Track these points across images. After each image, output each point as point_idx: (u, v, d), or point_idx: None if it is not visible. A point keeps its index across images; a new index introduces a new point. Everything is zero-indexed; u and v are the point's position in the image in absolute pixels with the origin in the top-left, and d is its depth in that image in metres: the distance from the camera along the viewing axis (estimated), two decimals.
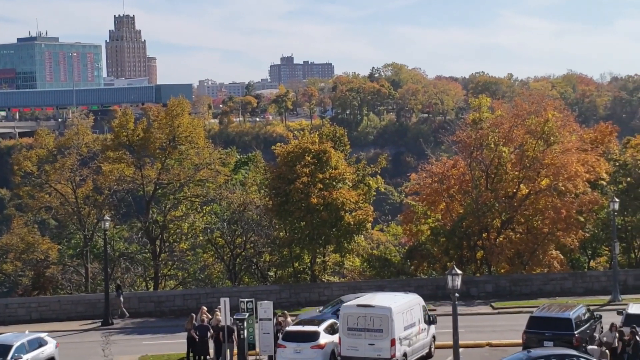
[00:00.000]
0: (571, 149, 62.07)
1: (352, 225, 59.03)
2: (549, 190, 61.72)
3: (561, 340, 37.70)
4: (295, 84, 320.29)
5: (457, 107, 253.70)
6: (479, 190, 62.92)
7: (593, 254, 71.02)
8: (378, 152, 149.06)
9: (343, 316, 37.91)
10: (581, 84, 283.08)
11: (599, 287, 57.03)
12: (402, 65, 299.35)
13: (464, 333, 42.16)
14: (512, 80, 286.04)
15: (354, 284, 59.26)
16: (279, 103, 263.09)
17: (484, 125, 65.26)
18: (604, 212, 64.13)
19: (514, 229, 63.43)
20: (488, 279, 59.64)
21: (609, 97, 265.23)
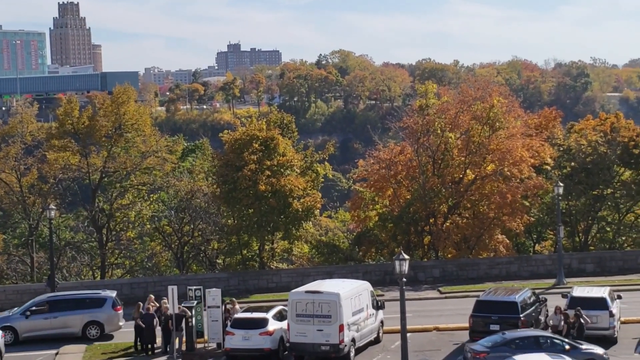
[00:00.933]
0: (516, 134, 62.72)
1: (300, 212, 59.05)
2: (495, 175, 62.38)
3: (507, 323, 38.19)
4: (242, 71, 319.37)
5: (404, 93, 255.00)
6: (426, 176, 63.34)
7: (538, 238, 72.00)
8: (326, 139, 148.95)
9: (291, 303, 37.95)
10: (526, 70, 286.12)
11: (544, 270, 57.75)
12: (349, 52, 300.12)
13: (411, 318, 42.41)
14: (458, 67, 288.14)
15: (303, 271, 59.36)
16: (226, 90, 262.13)
17: (430, 111, 65.62)
18: (549, 197, 65.02)
19: (461, 214, 64.01)
20: (435, 264, 60.11)
21: (553, 83, 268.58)
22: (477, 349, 34.42)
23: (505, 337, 34.72)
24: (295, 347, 37.84)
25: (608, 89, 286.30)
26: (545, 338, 35.01)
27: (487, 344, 34.60)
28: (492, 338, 35.14)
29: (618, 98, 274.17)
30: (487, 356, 33.88)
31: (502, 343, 34.38)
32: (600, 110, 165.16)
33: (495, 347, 34.17)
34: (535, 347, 34.35)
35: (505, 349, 33.98)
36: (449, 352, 39.16)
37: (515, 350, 33.69)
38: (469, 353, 34.77)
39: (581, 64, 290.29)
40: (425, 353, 38.99)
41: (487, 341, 34.96)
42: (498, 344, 34.33)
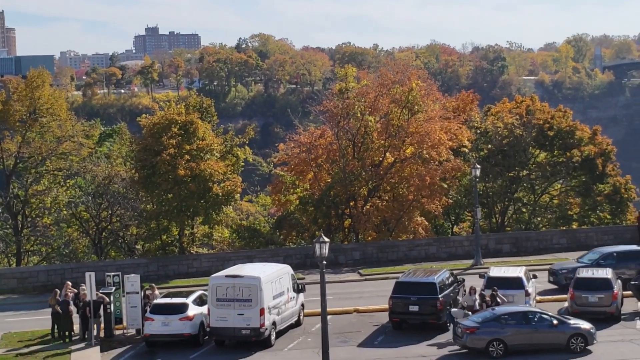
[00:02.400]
0: (434, 117, 63.35)
1: (220, 197, 58.74)
2: (414, 158, 62.95)
3: (426, 304, 38.70)
4: (161, 55, 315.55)
5: (325, 77, 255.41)
6: (346, 159, 63.59)
7: (456, 219, 72.96)
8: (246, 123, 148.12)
9: (212, 287, 37.83)
10: (444, 54, 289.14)
11: (462, 251, 58.54)
12: (269, 36, 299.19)
13: (332, 300, 42.72)
14: (377, 51, 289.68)
15: (223, 255, 59.09)
16: (144, 74, 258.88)
17: (350, 94, 65.82)
18: (467, 179, 65.88)
19: (381, 196, 64.46)
20: (355, 247, 60.45)
21: (470, 67, 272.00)
22: (467, 325, 35.44)
23: (495, 313, 35.89)
24: (215, 331, 37.74)
25: (524, 73, 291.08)
26: (534, 313, 36.06)
27: (477, 320, 35.68)
28: (482, 314, 36.32)
29: (534, 81, 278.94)
30: (477, 331, 35.00)
31: (492, 318, 35.53)
32: (516, 94, 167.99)
33: (485, 322, 35.32)
34: (523, 322, 35.56)
35: (495, 324, 35.22)
36: (369, 334, 39.48)
37: (504, 325, 35.14)
38: (459, 329, 35.65)
39: (498, 47, 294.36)
40: (345, 335, 39.23)
41: (477, 317, 36.08)
42: (488, 320, 35.47)
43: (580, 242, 59.34)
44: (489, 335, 34.86)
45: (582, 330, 35.48)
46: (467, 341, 35.20)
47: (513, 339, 35.03)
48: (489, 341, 34.77)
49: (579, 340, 35.22)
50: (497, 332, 34.92)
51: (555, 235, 61.38)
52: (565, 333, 35.28)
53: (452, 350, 36.42)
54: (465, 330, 35.23)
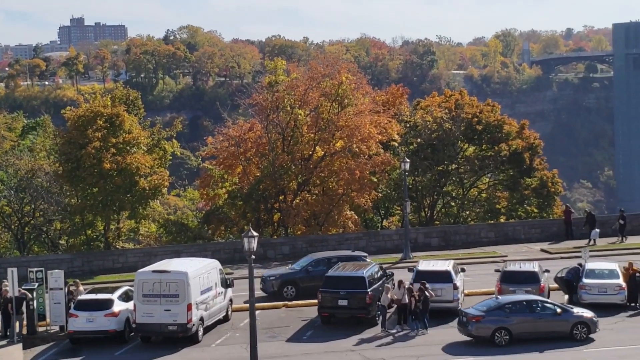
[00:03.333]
0: (364, 111, 63.27)
1: (147, 191, 58.00)
2: (344, 151, 62.85)
3: (355, 298, 38.53)
4: (86, 47, 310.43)
5: (254, 70, 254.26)
6: (276, 153, 63.16)
7: (386, 213, 73.06)
8: (174, 116, 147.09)
9: (138, 283, 37.13)
10: (374, 47, 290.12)
11: (392, 245, 58.53)
12: (198, 28, 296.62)
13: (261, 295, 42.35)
14: (308, 44, 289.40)
15: (150, 250, 58.20)
16: (69, 66, 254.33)
17: (279, 88, 65.43)
18: (396, 173, 65.99)
19: (310, 190, 64.20)
20: (285, 241, 60.06)
21: (400, 61, 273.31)
22: (473, 314, 35.68)
23: (499, 302, 36.23)
24: (142, 327, 37.06)
25: (453, 67, 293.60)
26: (538, 302, 36.45)
27: (482, 309, 35.92)
28: (486, 303, 36.64)
29: (463, 76, 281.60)
30: (482, 320, 35.29)
31: (496, 307, 35.80)
32: (445, 88, 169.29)
33: (490, 311, 35.60)
34: (527, 310, 35.87)
35: (500, 312, 35.53)
36: (298, 328, 39.19)
37: (509, 314, 35.50)
38: (464, 317, 35.87)
39: (427, 42, 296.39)
40: (274, 330, 38.89)
41: (481, 306, 36.34)
42: (492, 308, 35.74)
43: (508, 236, 59.85)
44: (494, 324, 35.30)
45: (585, 319, 35.97)
46: (472, 330, 35.52)
47: (518, 327, 35.44)
48: (494, 330, 35.22)
49: (582, 328, 35.73)
50: (502, 321, 35.37)
51: (483, 228, 61.80)
52: (569, 321, 35.77)
53: (381, 344, 36.33)
54: (470, 319, 35.54)
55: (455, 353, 34.79)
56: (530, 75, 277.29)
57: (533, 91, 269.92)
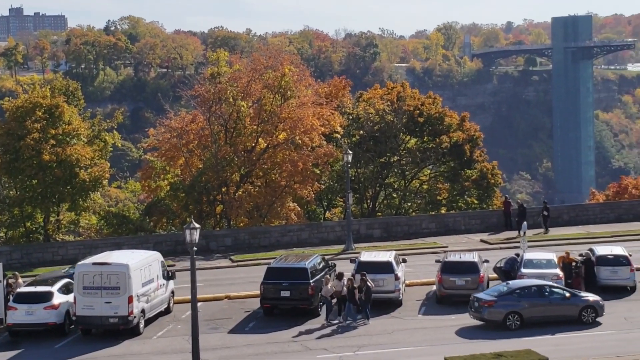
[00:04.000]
0: (307, 103, 63.38)
1: (87, 183, 57.49)
2: (287, 143, 62.92)
3: (297, 289, 38.66)
4: (25, 37, 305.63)
5: (197, 61, 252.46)
6: (218, 144, 63.00)
7: (328, 205, 73.33)
8: (115, 108, 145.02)
9: (78, 275, 36.85)
10: (317, 40, 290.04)
11: (334, 237, 58.72)
12: (140, 19, 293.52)
13: (203, 287, 42.20)
14: (250, 36, 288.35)
15: (90, 243, 57.66)
16: (8, 57, 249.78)
17: (222, 79, 65.26)
18: (339, 164, 66.24)
19: (253, 182, 64.15)
20: (227, 233, 59.94)
21: (343, 53, 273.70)
22: (485, 298, 36.51)
23: (510, 287, 37.13)
24: (82, 320, 36.77)
25: (396, 60, 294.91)
26: (547, 287, 37.34)
27: (493, 294, 36.85)
28: (496, 288, 37.66)
29: (405, 68, 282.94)
30: (494, 304, 36.14)
31: (508, 292, 36.71)
32: (388, 80, 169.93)
33: (502, 296, 36.51)
34: (537, 295, 36.78)
35: (512, 297, 36.42)
36: (240, 320, 39.22)
37: (519, 299, 36.41)
38: (476, 302, 36.57)
39: (370, 34, 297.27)
40: (216, 322, 38.86)
41: (492, 291, 37.36)
42: (504, 293, 36.64)
43: (449, 227, 60.45)
44: (506, 309, 36.10)
45: (593, 303, 36.85)
46: (485, 314, 36.30)
47: (529, 311, 36.29)
48: (506, 314, 36.02)
49: (590, 312, 36.62)
50: (513, 305, 36.20)
51: (424, 220, 62.29)
52: (578, 305, 36.68)
53: (323, 334, 36.52)
54: (483, 304, 36.31)
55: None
56: (471, 68, 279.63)
57: (474, 84, 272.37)
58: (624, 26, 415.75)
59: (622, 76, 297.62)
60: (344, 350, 34.27)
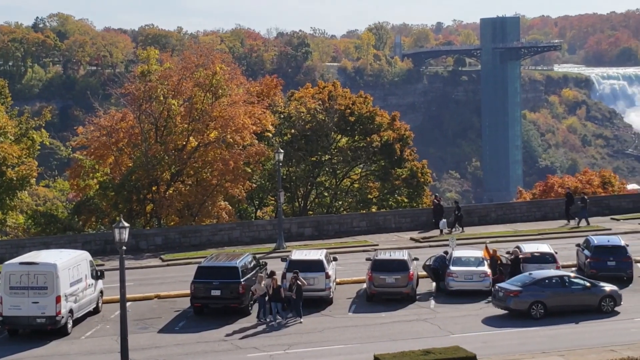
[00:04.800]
0: (238, 101, 63.28)
1: (14, 181, 56.74)
2: (218, 142, 62.73)
3: (228, 288, 38.62)
4: None
5: (127, 59, 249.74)
6: (149, 143, 62.53)
7: (260, 204, 73.33)
8: (44, 105, 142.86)
9: (5, 275, 36.33)
10: (249, 38, 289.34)
11: (265, 235, 58.71)
12: (69, 16, 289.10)
13: (132, 286, 41.97)
14: (182, 34, 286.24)
15: (17, 242, 56.74)
16: None
17: (152, 77, 64.77)
18: (270, 163, 66.33)
19: (184, 181, 63.84)
20: (157, 232, 59.50)
21: (275, 52, 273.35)
22: (510, 289, 37.78)
23: (534, 277, 38.41)
24: (8, 320, 36.27)
25: (327, 59, 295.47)
26: (568, 277, 38.88)
27: (517, 284, 38.07)
28: (519, 278, 38.87)
29: (337, 68, 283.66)
30: (520, 294, 37.44)
31: (532, 282, 37.95)
32: (319, 79, 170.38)
33: (527, 286, 37.76)
34: (560, 285, 38.18)
35: (536, 287, 37.76)
36: (170, 319, 39.03)
37: (544, 288, 37.78)
38: (501, 292, 37.83)
39: (302, 33, 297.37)
40: (145, 321, 38.62)
41: (515, 281, 38.52)
42: (528, 284, 37.85)
43: (379, 225, 60.86)
44: (531, 298, 37.40)
45: (611, 293, 38.08)
46: (510, 304, 37.48)
47: (552, 301, 37.56)
48: (531, 303, 37.31)
49: (609, 301, 37.86)
50: (538, 295, 37.48)
51: (355, 218, 62.63)
52: (597, 295, 37.95)
53: (254, 333, 36.55)
54: (508, 294, 37.50)
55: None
56: (402, 68, 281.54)
57: (404, 84, 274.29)
58: (551, 27, 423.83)
59: (549, 77, 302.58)
60: (274, 349, 34.35)
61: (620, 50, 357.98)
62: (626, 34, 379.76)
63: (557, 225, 59.90)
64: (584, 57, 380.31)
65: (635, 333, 35.03)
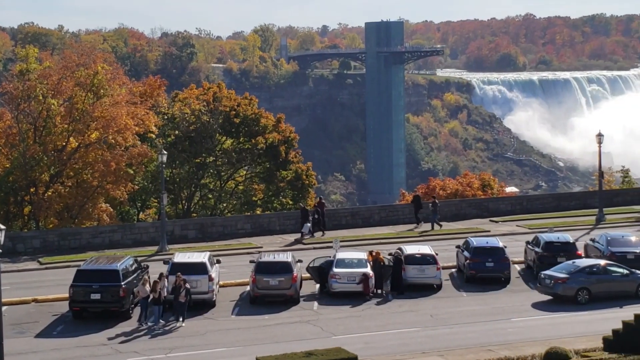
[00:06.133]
0: (121, 102, 62.32)
1: None
2: (99, 143, 61.68)
3: (108, 292, 37.97)
4: None
5: (5, 58, 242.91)
6: (27, 143, 60.97)
7: (142, 206, 72.36)
8: None
9: None
10: (133, 38, 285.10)
11: (148, 238, 57.88)
12: None
13: (9, 290, 40.91)
14: (63, 32, 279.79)
15: None
16: None
17: (31, 76, 63.28)
18: (153, 165, 65.53)
19: (63, 182, 62.47)
20: (35, 234, 57.94)
21: (160, 53, 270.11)
22: (558, 276, 40.21)
23: (577, 265, 40.98)
24: None
25: (213, 60, 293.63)
26: (611, 265, 41.36)
27: (563, 271, 40.53)
28: (563, 266, 41.24)
29: (222, 69, 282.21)
30: (567, 281, 39.91)
31: (577, 270, 40.43)
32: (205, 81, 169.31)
33: (573, 273, 40.22)
34: (603, 272, 40.78)
35: (582, 274, 40.30)
36: (48, 324, 38.16)
37: (589, 276, 40.30)
38: (548, 280, 40.30)
39: (187, 34, 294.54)
40: (22, 326, 37.66)
41: (560, 269, 40.90)
42: (573, 272, 40.34)
43: (264, 228, 60.77)
44: (578, 285, 39.89)
45: None
46: (559, 290, 39.93)
47: (596, 287, 40.07)
48: (577, 289, 39.81)
49: None
50: (583, 282, 40.00)
51: (239, 220, 62.37)
52: (635, 282, 40.58)
53: (135, 337, 36.03)
54: (557, 281, 39.94)
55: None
56: (287, 70, 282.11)
57: (290, 86, 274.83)
58: (434, 32, 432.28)
59: (432, 81, 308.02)
60: (155, 353, 33.92)
61: (500, 56, 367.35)
62: (506, 40, 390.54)
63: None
64: (466, 62, 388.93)
65: (512, 333, 35.95)
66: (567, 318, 38.16)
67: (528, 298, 41.68)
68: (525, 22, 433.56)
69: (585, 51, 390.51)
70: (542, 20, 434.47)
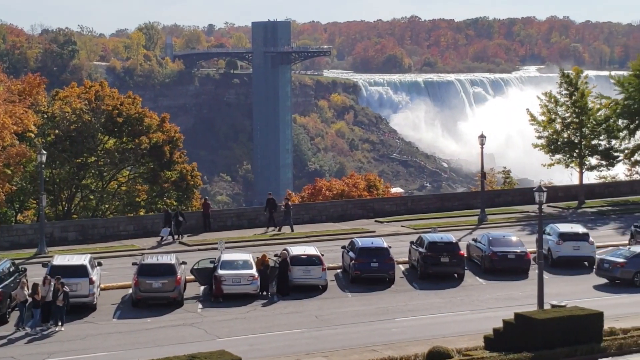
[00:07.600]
0: None
1: None
2: None
3: None
4: None
5: None
6: None
7: (21, 207, 70.20)
8: None
9: None
10: (11, 34, 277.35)
11: (26, 240, 56.28)
12: None
13: None
14: None
15: None
16: None
17: None
18: (32, 165, 63.73)
19: None
20: None
21: (40, 50, 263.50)
22: (617, 261, 43.22)
23: (634, 251, 43.86)
24: None
25: (95, 58, 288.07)
26: None
27: (620, 257, 43.40)
28: (618, 253, 44.22)
29: (105, 67, 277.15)
30: (626, 265, 42.90)
31: (633, 256, 43.33)
32: (87, 79, 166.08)
33: (630, 258, 43.16)
34: None
35: (638, 259, 43.20)
36: None
37: None
38: (606, 264, 43.36)
39: (69, 31, 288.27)
40: None
41: (616, 255, 43.88)
42: (630, 256, 43.31)
43: (147, 229, 59.73)
44: (635, 268, 42.96)
45: None
46: (618, 274, 42.98)
47: None
48: (634, 273, 42.94)
49: None
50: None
51: (122, 222, 61.17)
52: None
53: (11, 342, 34.84)
54: (615, 265, 42.97)
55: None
56: (173, 69, 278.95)
57: (176, 85, 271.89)
58: (321, 33, 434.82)
59: (319, 82, 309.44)
60: (33, 358, 32.98)
61: (386, 57, 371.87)
62: (392, 41, 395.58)
63: (324, 227, 61.08)
64: (352, 63, 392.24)
65: (396, 332, 36.19)
66: (448, 317, 38.74)
67: (411, 298, 42.15)
68: (410, 24, 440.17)
69: (469, 54, 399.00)
70: (427, 22, 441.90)
